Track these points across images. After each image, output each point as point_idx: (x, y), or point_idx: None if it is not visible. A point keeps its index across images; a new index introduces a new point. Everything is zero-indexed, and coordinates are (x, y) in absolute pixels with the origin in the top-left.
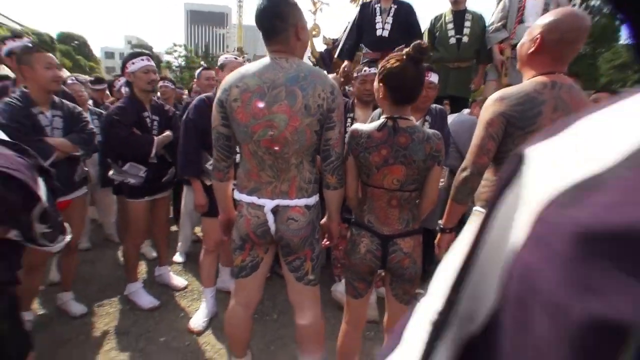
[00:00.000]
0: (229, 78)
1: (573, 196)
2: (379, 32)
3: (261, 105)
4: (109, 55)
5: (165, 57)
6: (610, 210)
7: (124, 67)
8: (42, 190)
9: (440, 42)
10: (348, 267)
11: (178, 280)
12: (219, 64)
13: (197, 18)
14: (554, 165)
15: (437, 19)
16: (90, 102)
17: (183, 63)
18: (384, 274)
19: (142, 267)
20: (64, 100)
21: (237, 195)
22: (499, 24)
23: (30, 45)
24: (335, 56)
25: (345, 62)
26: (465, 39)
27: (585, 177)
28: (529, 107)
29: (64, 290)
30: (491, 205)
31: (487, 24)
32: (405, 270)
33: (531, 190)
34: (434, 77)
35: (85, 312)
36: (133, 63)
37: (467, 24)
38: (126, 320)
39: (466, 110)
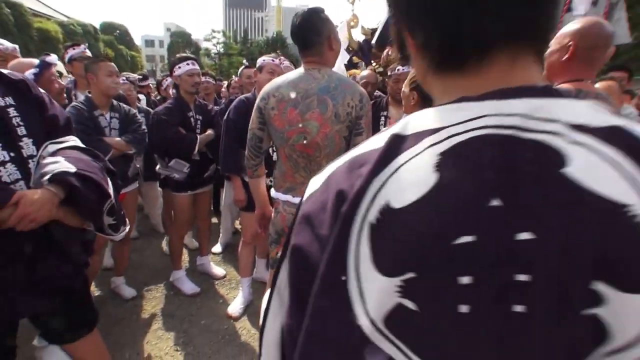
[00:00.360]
0: (267, 88)
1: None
2: None
3: (295, 112)
4: (149, 43)
5: (204, 44)
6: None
7: (171, 70)
8: (110, 188)
9: None
10: None
11: (217, 269)
12: (257, 66)
13: (236, 2)
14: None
15: None
16: (141, 97)
17: (222, 50)
18: None
19: (185, 257)
20: (120, 104)
21: (274, 194)
22: None
23: (88, 52)
24: (373, 41)
25: (388, 49)
26: None
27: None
28: None
29: (116, 275)
30: None
31: None
32: None
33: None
34: None
35: (135, 295)
36: (179, 67)
37: None
38: (171, 304)
39: None
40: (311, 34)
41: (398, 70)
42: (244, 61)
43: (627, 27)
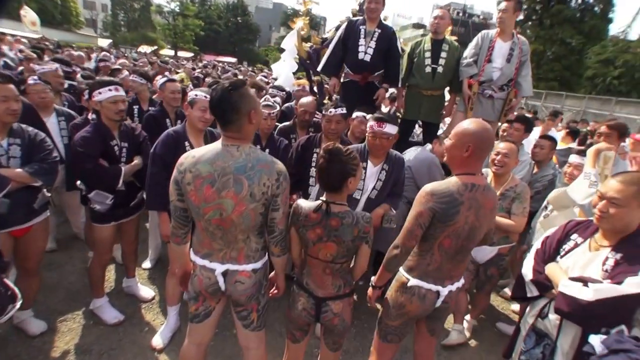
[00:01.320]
0: (185, 160)
1: None
2: (361, 56)
3: (212, 190)
4: (89, 4)
5: (156, 1)
6: None
7: (90, 94)
8: None
9: (417, 69)
10: (288, 318)
11: (145, 291)
12: (189, 99)
13: None
14: None
15: (417, 44)
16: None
17: (176, 9)
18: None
19: (111, 274)
20: (24, 127)
21: (192, 257)
22: (471, 59)
23: None
24: (319, 69)
25: (332, 80)
26: (440, 69)
27: None
28: (451, 207)
29: (22, 308)
30: None
31: (462, 56)
32: (335, 327)
33: None
34: (389, 128)
35: (45, 330)
36: (100, 93)
37: (444, 54)
38: (89, 337)
39: (429, 146)
40: (230, 113)
41: (330, 112)
42: (167, 74)
43: (531, 82)
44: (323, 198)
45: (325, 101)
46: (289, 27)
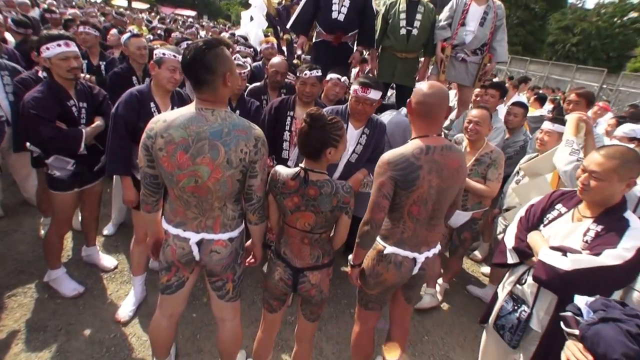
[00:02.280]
0: (154, 125)
1: None
2: (334, 15)
3: (186, 157)
4: None
5: None
6: None
7: (38, 49)
8: None
9: (391, 31)
10: (264, 287)
11: (107, 260)
12: (155, 57)
13: None
14: None
15: (392, 5)
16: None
17: None
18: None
19: (67, 242)
20: None
21: (164, 225)
22: (445, 22)
23: None
24: (288, 26)
25: (300, 38)
26: (414, 31)
27: None
28: (409, 172)
29: None
30: None
31: (436, 20)
32: (312, 298)
33: None
34: (373, 94)
35: None
36: (48, 48)
37: (419, 16)
38: (43, 312)
39: (404, 110)
40: (203, 73)
41: (305, 74)
42: (131, 28)
43: (506, 47)
44: (302, 165)
45: (295, 61)
46: (247, 5)
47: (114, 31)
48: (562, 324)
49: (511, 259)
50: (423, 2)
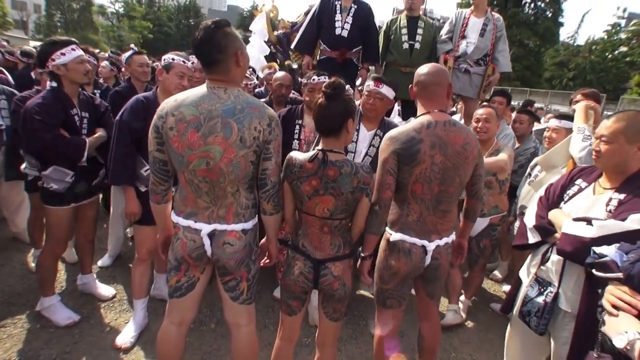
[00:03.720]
0: (165, 105)
1: None
2: (338, 31)
3: (197, 136)
4: (19, 5)
5: (98, 0)
6: None
7: (46, 57)
8: None
9: (394, 46)
10: (283, 286)
11: (105, 289)
12: (164, 62)
13: None
14: None
15: (393, 22)
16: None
17: (121, 10)
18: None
19: (61, 274)
20: None
21: (174, 218)
22: (446, 36)
23: None
24: (293, 46)
25: (306, 58)
26: (417, 45)
27: None
28: (410, 146)
29: None
30: None
31: (437, 34)
32: (335, 292)
33: None
34: (385, 90)
35: None
36: (63, 54)
37: (420, 31)
38: (35, 342)
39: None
40: (215, 52)
41: (313, 80)
42: (133, 46)
43: (509, 58)
44: (319, 147)
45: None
46: (246, 29)
47: (105, 63)
48: (594, 272)
49: (532, 238)
50: (423, 17)
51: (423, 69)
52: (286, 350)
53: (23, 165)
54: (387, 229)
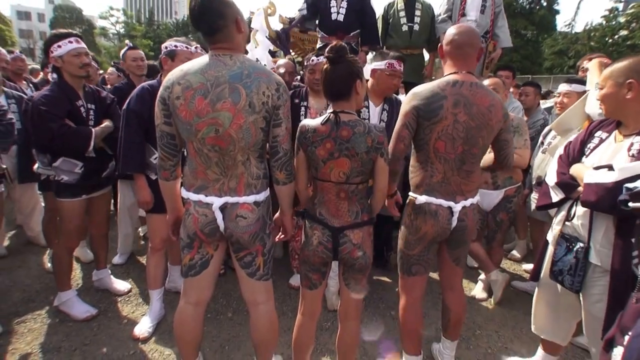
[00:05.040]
0: (170, 75)
1: None
2: (334, 16)
3: (205, 102)
4: (23, 15)
5: (100, 23)
6: None
7: (47, 50)
8: None
9: (393, 29)
10: (302, 259)
11: (120, 283)
12: (167, 50)
13: None
14: None
15: (390, 6)
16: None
17: (122, 30)
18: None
19: (76, 272)
20: None
21: (184, 194)
22: (445, 15)
23: None
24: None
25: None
26: (416, 27)
27: None
28: (432, 101)
29: None
30: None
31: (435, 14)
32: (356, 261)
33: None
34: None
35: (0, 332)
36: (59, 46)
37: (418, 12)
38: (56, 335)
39: None
40: (215, 19)
41: (313, 61)
42: (127, 42)
43: (509, 33)
44: (330, 110)
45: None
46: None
47: (111, 69)
48: (630, 204)
49: (555, 196)
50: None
51: (457, 29)
52: (308, 326)
53: (36, 166)
54: (411, 193)
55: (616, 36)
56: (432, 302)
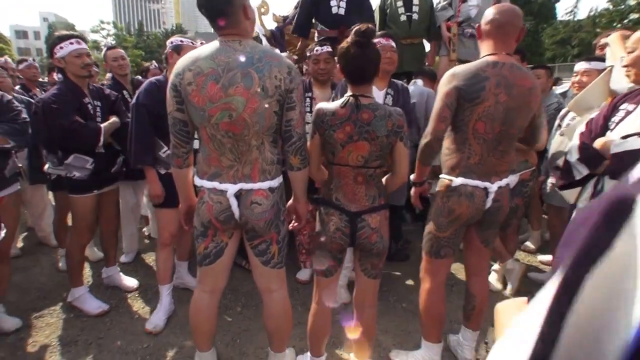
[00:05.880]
0: (181, 62)
1: None
2: (334, 10)
3: (217, 87)
4: (21, 34)
5: (92, 36)
6: None
7: (51, 52)
8: None
9: (391, 20)
10: (317, 246)
11: (129, 280)
12: (172, 44)
13: None
14: None
15: None
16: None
17: (114, 42)
18: (354, 251)
19: (86, 271)
20: None
21: (198, 182)
22: (445, 2)
23: None
24: (291, 32)
25: (301, 42)
26: (415, 16)
27: None
28: (474, 82)
29: None
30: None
31: (434, 3)
32: (374, 246)
33: None
34: (392, 42)
35: (20, 326)
36: (61, 47)
37: (415, 1)
38: (72, 329)
39: (419, 81)
40: (222, 5)
41: (317, 51)
42: (107, 42)
43: None
44: (348, 93)
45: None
46: None
47: (109, 75)
48: None
49: (579, 173)
50: None
51: (498, 8)
52: (324, 315)
53: (46, 166)
54: (446, 175)
55: (626, 20)
56: (449, 293)
